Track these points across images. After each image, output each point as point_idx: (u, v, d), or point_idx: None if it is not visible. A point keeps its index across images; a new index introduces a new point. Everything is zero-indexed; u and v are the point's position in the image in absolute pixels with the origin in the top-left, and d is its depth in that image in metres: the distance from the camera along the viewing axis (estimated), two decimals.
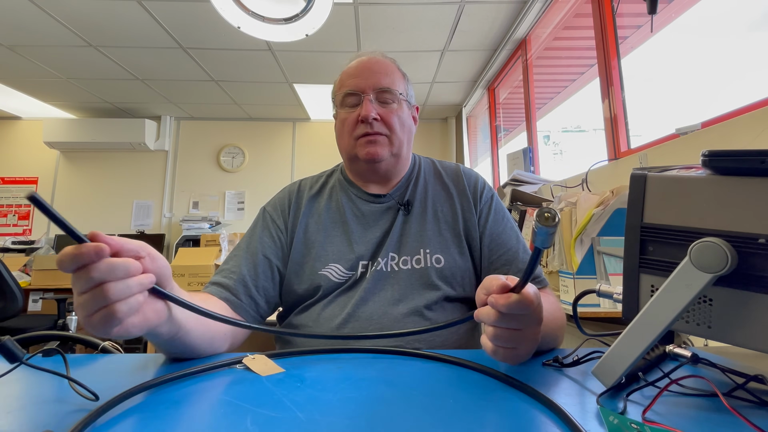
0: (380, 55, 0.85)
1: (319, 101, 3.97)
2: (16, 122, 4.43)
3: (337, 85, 0.85)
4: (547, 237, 0.40)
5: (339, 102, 0.83)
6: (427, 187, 0.86)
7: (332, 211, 0.83)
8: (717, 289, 0.39)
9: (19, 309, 2.33)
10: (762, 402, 0.41)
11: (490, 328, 0.47)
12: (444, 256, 0.77)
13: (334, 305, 0.75)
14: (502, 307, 0.45)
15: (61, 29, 2.62)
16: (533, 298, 0.45)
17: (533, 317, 0.47)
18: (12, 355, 0.36)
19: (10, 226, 4.28)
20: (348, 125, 0.80)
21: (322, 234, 0.80)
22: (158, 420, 0.37)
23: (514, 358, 0.48)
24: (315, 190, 0.87)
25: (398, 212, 0.81)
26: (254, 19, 2.00)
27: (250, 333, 0.75)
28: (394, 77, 0.82)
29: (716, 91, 1.65)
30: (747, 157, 0.37)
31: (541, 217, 0.39)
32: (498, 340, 0.47)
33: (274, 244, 0.80)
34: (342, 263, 0.77)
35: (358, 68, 0.81)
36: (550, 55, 2.85)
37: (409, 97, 0.85)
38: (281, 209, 0.84)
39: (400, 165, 0.85)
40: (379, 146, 0.79)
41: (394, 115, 0.80)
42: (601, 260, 1.23)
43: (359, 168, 0.83)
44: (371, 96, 0.79)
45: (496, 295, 0.46)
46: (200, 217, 4.09)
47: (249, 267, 0.76)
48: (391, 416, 0.38)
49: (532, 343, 0.49)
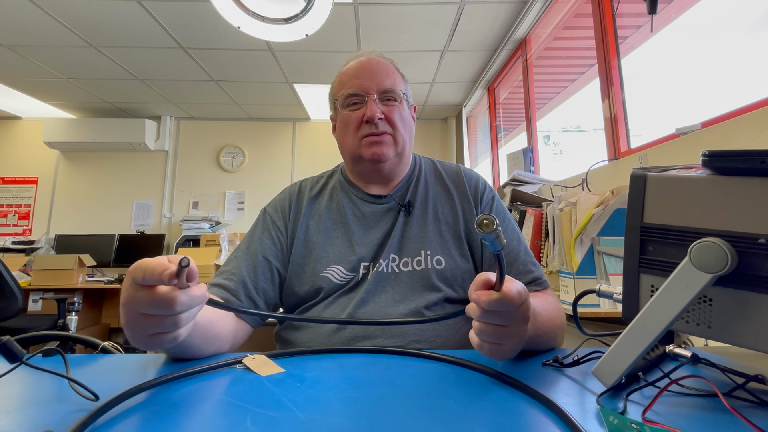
0: (379, 55, 0.85)
1: (319, 101, 3.97)
2: (16, 122, 4.43)
3: (336, 86, 0.85)
4: (494, 241, 0.42)
5: (341, 103, 0.82)
6: (428, 187, 0.86)
7: (333, 212, 0.83)
8: (717, 289, 0.39)
9: (19, 309, 2.33)
10: (762, 402, 0.41)
11: (476, 323, 0.49)
12: (445, 257, 0.77)
13: (335, 306, 0.75)
14: (483, 303, 0.46)
15: (61, 29, 2.62)
16: (515, 296, 0.46)
17: (518, 315, 0.47)
18: (12, 354, 0.36)
19: (10, 226, 4.28)
20: (352, 125, 0.80)
21: (323, 235, 0.80)
22: (158, 420, 0.37)
23: (499, 354, 0.49)
24: (315, 191, 0.87)
25: (399, 213, 0.81)
26: (254, 19, 2.00)
27: (250, 334, 0.75)
28: (395, 78, 0.83)
29: (716, 91, 1.65)
30: (747, 157, 0.37)
31: (480, 226, 0.41)
32: (482, 335, 0.48)
33: (274, 246, 0.80)
34: (343, 265, 0.77)
35: (359, 69, 0.81)
36: (550, 55, 2.85)
37: (408, 96, 0.86)
38: (281, 211, 0.84)
39: (402, 164, 0.85)
40: (385, 146, 0.79)
41: (397, 113, 0.81)
42: (601, 260, 1.23)
43: (363, 168, 0.83)
44: (375, 96, 0.79)
45: (479, 291, 0.47)
46: (200, 217, 4.09)
47: (249, 269, 0.76)
48: (391, 416, 0.38)
49: (518, 340, 0.49)
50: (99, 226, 4.23)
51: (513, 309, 0.46)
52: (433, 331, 0.71)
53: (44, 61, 3.07)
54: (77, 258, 3.32)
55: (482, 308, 0.46)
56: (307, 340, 0.73)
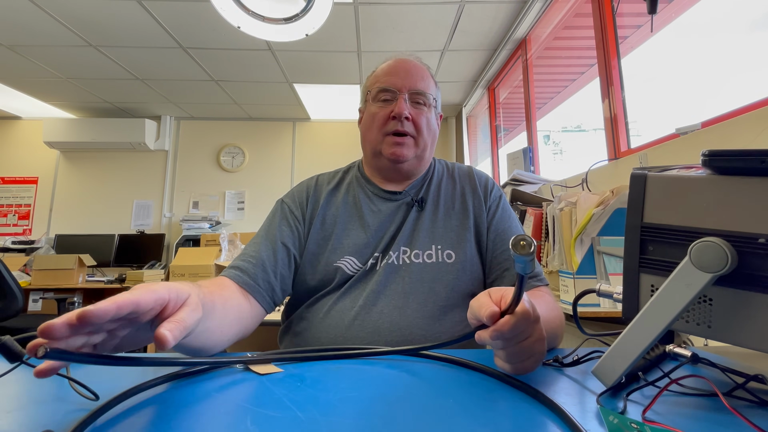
0: (417, 59, 0.88)
1: (319, 101, 3.97)
2: (16, 122, 4.43)
3: (371, 80, 0.87)
4: (527, 264, 0.40)
5: (373, 96, 0.84)
6: (441, 185, 0.88)
7: (349, 205, 0.85)
8: (717, 289, 0.39)
9: (19, 309, 2.33)
10: (762, 402, 0.41)
11: (502, 352, 0.47)
12: (455, 252, 0.79)
13: (346, 299, 0.76)
14: (508, 332, 0.44)
15: (61, 29, 2.62)
16: (529, 309, 0.45)
17: (532, 322, 0.47)
18: (12, 354, 0.36)
19: (10, 226, 4.28)
20: (378, 120, 0.82)
21: (339, 227, 0.82)
22: (158, 420, 0.37)
23: (535, 363, 0.48)
24: (333, 185, 0.89)
25: (412, 208, 0.83)
26: (254, 19, 2.00)
27: (261, 319, 0.74)
28: (429, 82, 0.85)
29: (716, 91, 1.66)
30: (747, 157, 0.37)
31: (517, 246, 0.38)
32: (515, 358, 0.46)
33: (292, 234, 0.81)
34: (357, 256, 0.78)
35: (395, 67, 0.84)
36: (550, 54, 2.85)
37: (438, 103, 0.88)
38: (299, 201, 0.86)
39: (421, 166, 0.88)
40: (405, 148, 0.81)
41: (424, 118, 0.83)
42: (601, 260, 1.23)
43: (382, 164, 0.85)
44: (406, 96, 0.81)
45: (498, 325, 0.44)
46: (200, 217, 4.09)
47: (269, 253, 0.77)
48: (391, 416, 0.38)
49: (541, 341, 0.48)
50: (99, 226, 4.22)
51: (531, 320, 0.46)
52: (440, 327, 0.73)
53: (44, 61, 3.07)
54: (77, 258, 3.33)
55: (507, 337, 0.45)
56: (318, 331, 0.74)
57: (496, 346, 0.47)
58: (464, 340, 0.53)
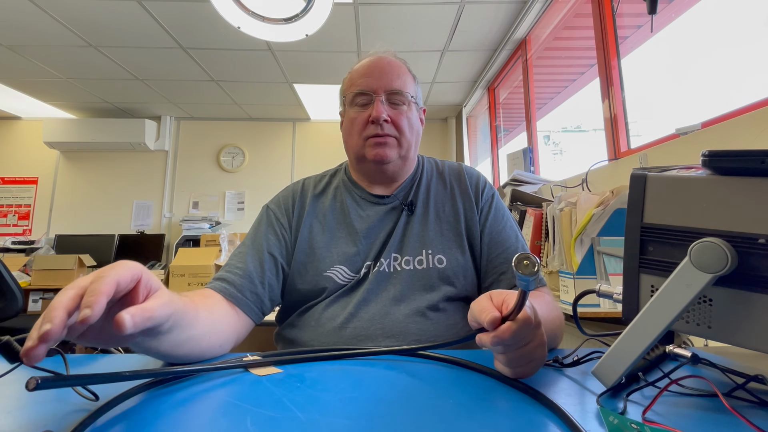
0: (392, 55, 0.84)
1: (319, 101, 3.97)
2: (16, 122, 4.43)
3: (347, 82, 0.84)
4: (530, 282, 0.39)
5: (349, 101, 0.82)
6: (430, 187, 0.86)
7: (337, 211, 0.83)
8: (717, 289, 0.39)
9: (19, 309, 2.33)
10: (762, 402, 0.41)
11: (502, 356, 0.47)
12: (446, 256, 0.77)
13: (336, 306, 0.75)
14: (509, 339, 0.43)
15: (61, 29, 2.62)
16: (531, 315, 0.45)
17: (534, 328, 0.46)
18: (12, 354, 0.36)
19: (10, 226, 4.28)
20: (357, 125, 0.80)
21: (326, 235, 0.80)
22: (158, 420, 0.37)
23: (535, 367, 0.47)
24: (319, 190, 0.87)
25: (402, 213, 0.81)
26: (254, 19, 2.00)
27: (252, 328, 0.74)
28: (406, 79, 0.82)
29: (716, 91, 1.66)
30: (747, 157, 0.37)
31: (520, 266, 0.37)
32: (516, 363, 0.46)
33: (278, 243, 0.79)
34: (347, 265, 0.77)
35: (369, 67, 0.81)
36: (550, 55, 2.85)
37: (418, 99, 0.85)
38: (285, 208, 0.84)
39: (406, 167, 0.85)
40: (388, 148, 0.79)
41: (404, 118, 0.80)
42: (601, 260, 1.23)
43: (366, 168, 0.83)
44: (382, 97, 0.79)
45: (499, 330, 0.44)
46: (200, 217, 4.09)
47: (255, 263, 0.76)
48: (391, 416, 0.38)
49: (542, 346, 0.48)
50: (99, 226, 4.23)
51: (533, 327, 0.45)
52: (434, 331, 0.72)
53: (44, 61, 3.07)
54: (77, 258, 3.32)
55: (507, 343, 0.44)
56: (309, 339, 0.73)
57: (496, 350, 0.47)
58: (464, 341, 0.53)
